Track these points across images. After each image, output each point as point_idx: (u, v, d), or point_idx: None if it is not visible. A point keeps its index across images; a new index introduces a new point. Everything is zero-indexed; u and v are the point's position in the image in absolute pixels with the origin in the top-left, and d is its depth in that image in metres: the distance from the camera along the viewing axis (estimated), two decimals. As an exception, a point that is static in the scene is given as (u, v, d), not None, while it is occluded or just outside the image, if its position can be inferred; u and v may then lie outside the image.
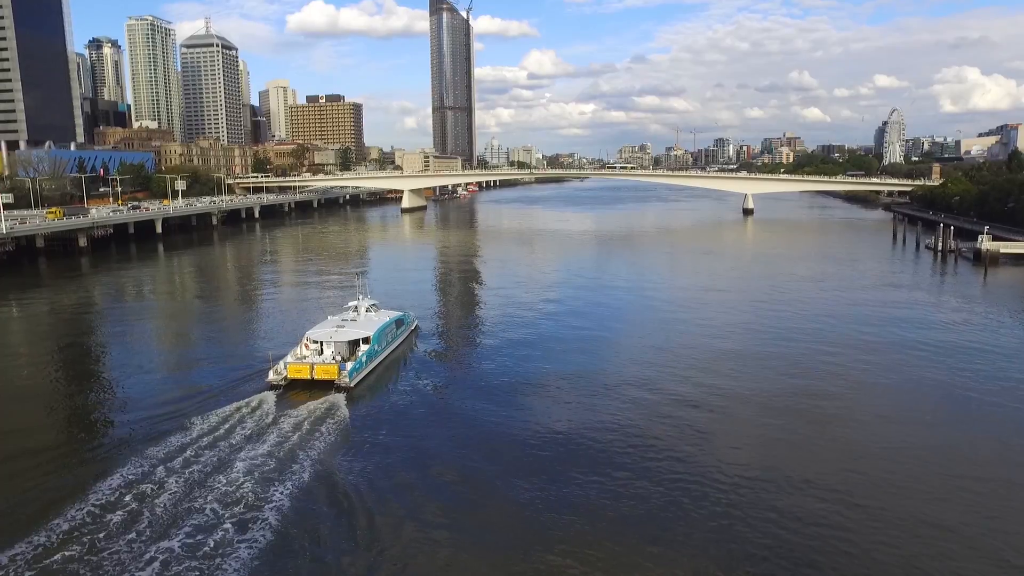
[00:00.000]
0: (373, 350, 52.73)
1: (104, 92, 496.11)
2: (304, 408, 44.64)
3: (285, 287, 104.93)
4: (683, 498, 33.45)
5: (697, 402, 46.84)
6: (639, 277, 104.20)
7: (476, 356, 60.88)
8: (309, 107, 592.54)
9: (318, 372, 48.60)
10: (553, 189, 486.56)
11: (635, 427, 42.21)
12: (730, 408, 46.06)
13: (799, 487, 34.54)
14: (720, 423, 43.50)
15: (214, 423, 41.85)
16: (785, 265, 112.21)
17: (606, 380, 51.75)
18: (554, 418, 44.10)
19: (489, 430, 42.52)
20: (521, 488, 34.65)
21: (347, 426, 42.22)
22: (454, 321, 78.31)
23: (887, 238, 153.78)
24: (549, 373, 53.56)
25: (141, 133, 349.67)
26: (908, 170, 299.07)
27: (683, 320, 72.70)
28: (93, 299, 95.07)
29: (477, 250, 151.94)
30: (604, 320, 73.77)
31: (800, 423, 43.43)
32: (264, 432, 40.66)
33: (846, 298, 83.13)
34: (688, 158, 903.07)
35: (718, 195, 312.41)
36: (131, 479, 34.89)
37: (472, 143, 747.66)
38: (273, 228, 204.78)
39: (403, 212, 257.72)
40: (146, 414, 44.49)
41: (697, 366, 55.43)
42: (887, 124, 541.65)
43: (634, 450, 38.95)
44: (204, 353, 62.40)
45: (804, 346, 61.24)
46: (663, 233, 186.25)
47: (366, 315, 58.19)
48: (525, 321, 72.20)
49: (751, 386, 50.36)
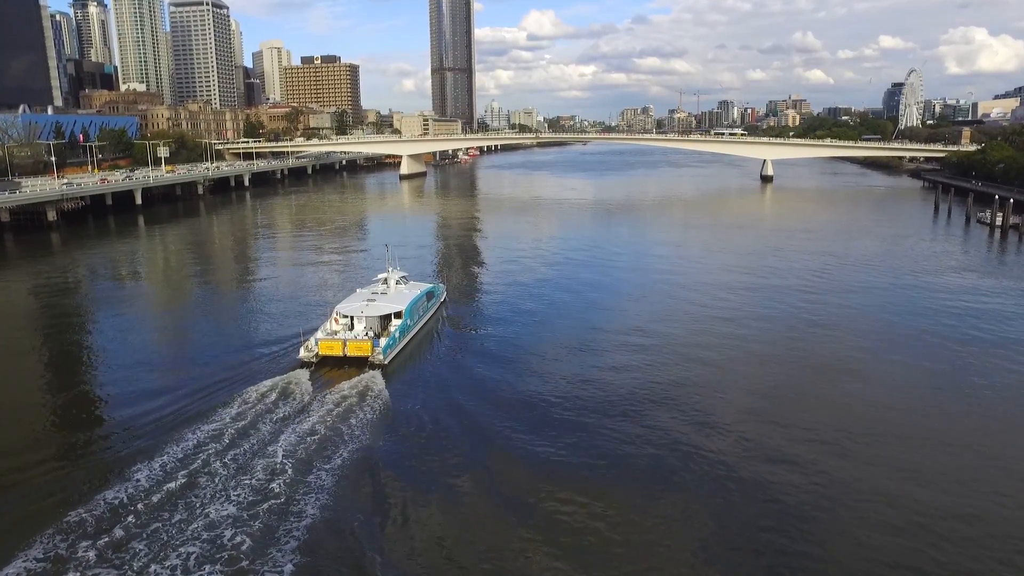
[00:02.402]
0: (406, 325, 51.13)
1: (91, 53, 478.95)
2: (340, 388, 42.98)
3: (283, 263, 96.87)
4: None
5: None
6: (669, 256, 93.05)
7: (506, 326, 58.80)
8: (304, 68, 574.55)
9: (351, 349, 47.11)
10: (556, 153, 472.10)
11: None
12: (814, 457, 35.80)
13: None
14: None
15: (249, 404, 40.36)
16: (825, 243, 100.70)
17: (662, 350, 51.12)
18: (598, 382, 44.21)
19: (534, 402, 41.70)
20: (582, 466, 34.05)
21: (387, 406, 40.75)
22: (476, 293, 74.45)
23: (924, 209, 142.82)
24: (583, 340, 53.81)
25: (128, 96, 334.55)
26: (928, 134, 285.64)
27: (728, 320, 61.69)
28: (71, 279, 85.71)
29: (483, 221, 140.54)
30: (640, 307, 63.35)
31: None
32: (302, 414, 39.18)
33: (906, 287, 72.09)
34: (691, 121, 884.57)
35: (729, 160, 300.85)
36: (169, 465, 33.44)
37: (472, 106, 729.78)
38: (265, 197, 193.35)
39: (402, 179, 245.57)
40: (172, 397, 42.33)
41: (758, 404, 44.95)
42: (902, 86, 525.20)
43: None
44: (214, 334, 58.81)
45: (878, 358, 50.65)
46: (683, 204, 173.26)
47: (396, 288, 56.16)
48: (549, 291, 71.87)
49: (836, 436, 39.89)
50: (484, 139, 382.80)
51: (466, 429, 38.14)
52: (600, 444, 36.10)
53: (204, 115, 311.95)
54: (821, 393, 43.69)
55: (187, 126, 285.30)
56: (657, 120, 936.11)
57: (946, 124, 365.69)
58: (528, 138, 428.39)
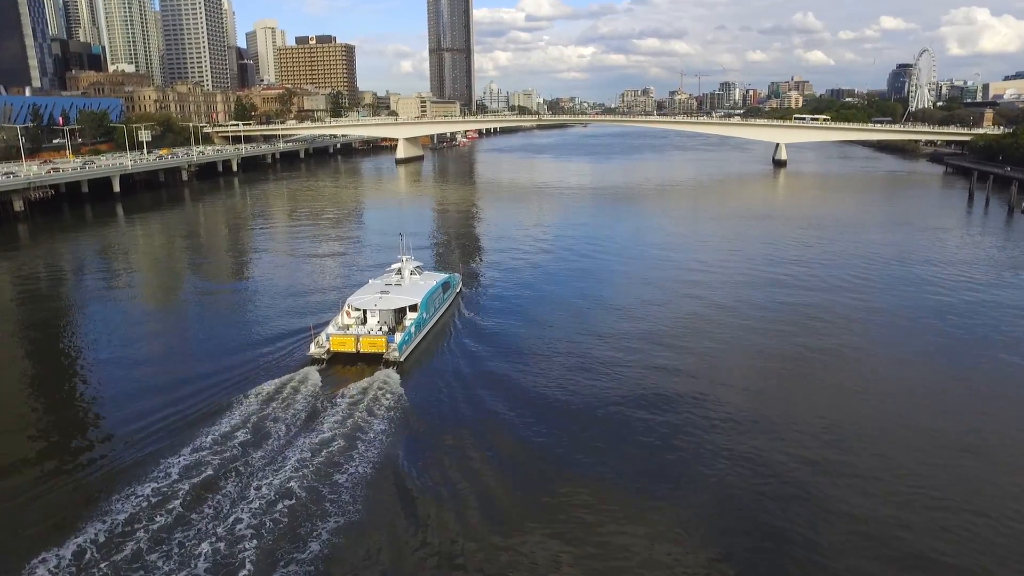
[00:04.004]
0: (421, 319, 48.83)
1: (79, 33, 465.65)
2: (354, 387, 40.55)
3: (275, 253, 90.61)
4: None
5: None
6: (692, 252, 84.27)
7: (526, 317, 56.17)
8: (299, 49, 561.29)
9: (364, 345, 44.95)
10: (557, 136, 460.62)
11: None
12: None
13: None
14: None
15: (255, 407, 37.85)
16: (861, 238, 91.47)
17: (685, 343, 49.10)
18: (616, 377, 42.59)
19: (557, 400, 39.71)
20: (609, 468, 31.97)
21: (404, 408, 38.44)
22: (491, 283, 70.19)
23: (955, 198, 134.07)
24: (599, 332, 51.84)
25: (115, 78, 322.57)
26: (943, 117, 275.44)
27: (768, 333, 53.25)
28: (41, 276, 77.19)
29: (486, 209, 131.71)
30: (663, 311, 54.96)
31: None
32: (312, 421, 36.72)
33: (963, 290, 63.68)
34: (693, 103, 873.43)
35: (736, 143, 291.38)
36: (168, 478, 30.90)
37: (471, 87, 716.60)
38: (255, 183, 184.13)
39: (398, 163, 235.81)
40: (169, 401, 39.27)
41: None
42: (908, 67, 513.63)
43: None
44: (212, 331, 55.05)
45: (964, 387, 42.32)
46: (697, 191, 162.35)
47: (411, 278, 53.68)
48: (566, 281, 69.73)
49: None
50: (483, 121, 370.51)
51: (489, 434, 35.76)
52: (657, 455, 32.63)
53: (194, 97, 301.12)
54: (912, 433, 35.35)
55: (176, 108, 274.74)
56: (658, 102, 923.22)
57: (957, 106, 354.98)
58: (529, 120, 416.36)
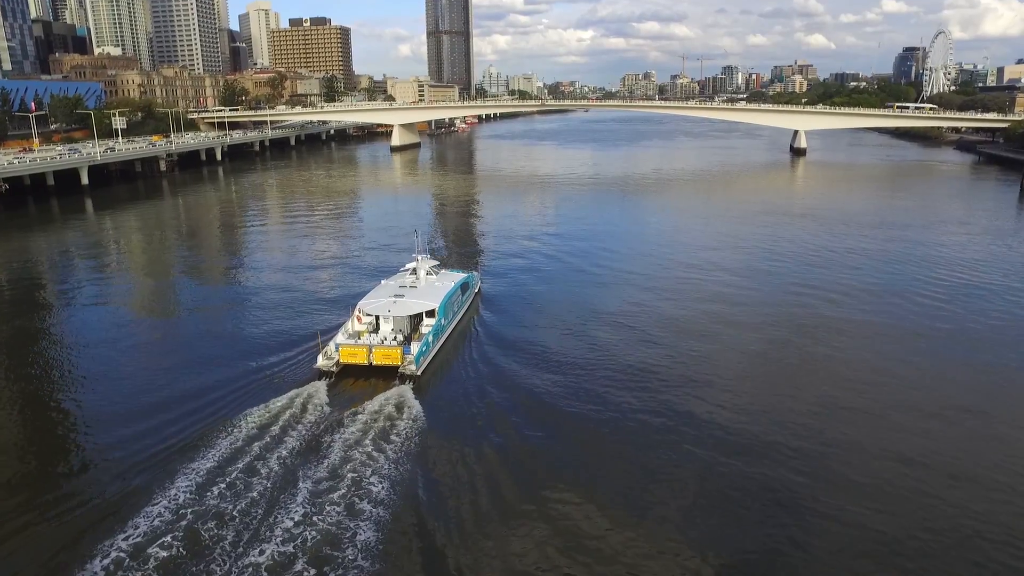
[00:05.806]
0: (440, 325, 45.07)
1: (65, 15, 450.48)
2: (366, 408, 36.73)
3: (261, 252, 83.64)
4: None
5: None
6: (731, 254, 73.10)
7: (551, 322, 52.09)
8: (292, 31, 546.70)
9: (377, 357, 41.33)
10: (559, 121, 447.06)
11: None
12: None
13: None
14: None
15: (254, 432, 33.91)
16: (914, 242, 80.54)
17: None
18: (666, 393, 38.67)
19: (600, 420, 35.90)
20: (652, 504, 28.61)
21: (422, 430, 34.50)
22: (509, 284, 64.47)
23: (1000, 191, 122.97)
24: (645, 338, 47.87)
25: (98, 61, 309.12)
26: (963, 102, 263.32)
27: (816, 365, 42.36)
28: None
29: (491, 202, 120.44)
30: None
31: None
32: (319, 447, 32.87)
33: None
34: (695, 87, 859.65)
35: (747, 129, 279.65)
36: (155, 523, 27.18)
37: (470, 71, 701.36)
38: (241, 173, 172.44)
39: (393, 151, 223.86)
40: (166, 419, 35.72)
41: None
42: (915, 51, 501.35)
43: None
44: (204, 342, 49.53)
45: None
46: (715, 182, 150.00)
47: (427, 280, 49.61)
48: (586, 280, 65.13)
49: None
50: (483, 107, 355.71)
51: (518, 459, 32.68)
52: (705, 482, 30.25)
53: (181, 81, 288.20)
54: None
55: (161, 93, 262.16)
56: (659, 86, 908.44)
57: (974, 90, 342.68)
58: (531, 106, 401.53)
